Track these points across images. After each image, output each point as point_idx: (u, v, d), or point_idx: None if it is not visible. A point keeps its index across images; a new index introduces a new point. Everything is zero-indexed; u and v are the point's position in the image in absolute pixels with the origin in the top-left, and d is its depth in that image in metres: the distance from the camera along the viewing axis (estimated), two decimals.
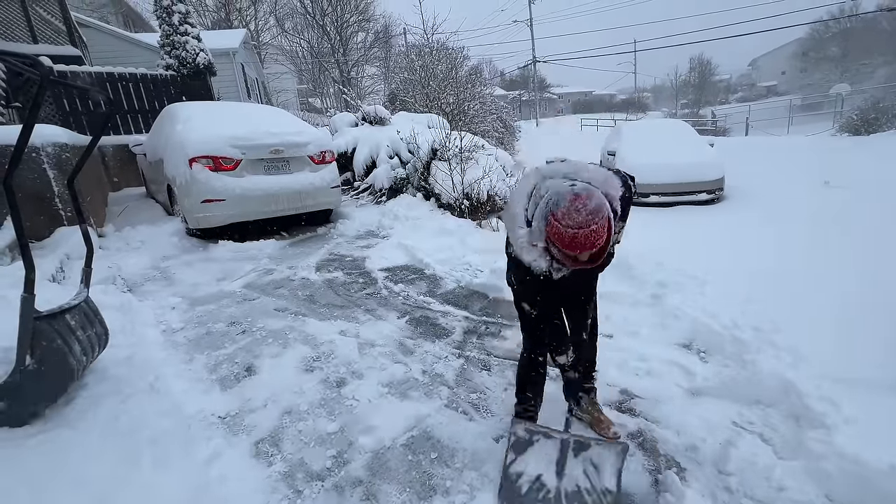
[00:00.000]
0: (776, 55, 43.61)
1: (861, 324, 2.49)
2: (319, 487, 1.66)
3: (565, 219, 1.24)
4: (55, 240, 3.80)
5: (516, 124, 13.47)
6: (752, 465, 1.68)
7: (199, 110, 5.08)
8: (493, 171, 5.50)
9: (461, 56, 10.29)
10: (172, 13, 8.32)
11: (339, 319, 3.03)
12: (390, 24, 26.11)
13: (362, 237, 5.09)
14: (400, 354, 2.59)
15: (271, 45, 24.46)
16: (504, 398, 2.19)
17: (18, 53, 6.09)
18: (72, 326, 1.96)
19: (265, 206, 4.73)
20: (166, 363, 2.44)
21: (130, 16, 19.97)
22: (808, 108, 24.43)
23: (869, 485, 1.49)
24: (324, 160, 5.23)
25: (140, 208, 5.94)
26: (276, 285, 3.66)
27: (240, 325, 2.92)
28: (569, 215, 1.23)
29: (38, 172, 3.82)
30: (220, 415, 2.04)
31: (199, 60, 8.53)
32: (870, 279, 3.03)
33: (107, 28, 12.79)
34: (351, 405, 2.12)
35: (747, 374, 2.18)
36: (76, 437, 1.76)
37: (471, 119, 9.05)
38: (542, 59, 30.64)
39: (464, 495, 1.63)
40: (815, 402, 1.86)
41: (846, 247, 3.80)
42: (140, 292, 3.50)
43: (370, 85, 23.34)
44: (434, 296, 3.44)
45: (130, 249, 4.50)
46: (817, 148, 10.34)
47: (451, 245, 4.40)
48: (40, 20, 8.13)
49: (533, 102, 34.09)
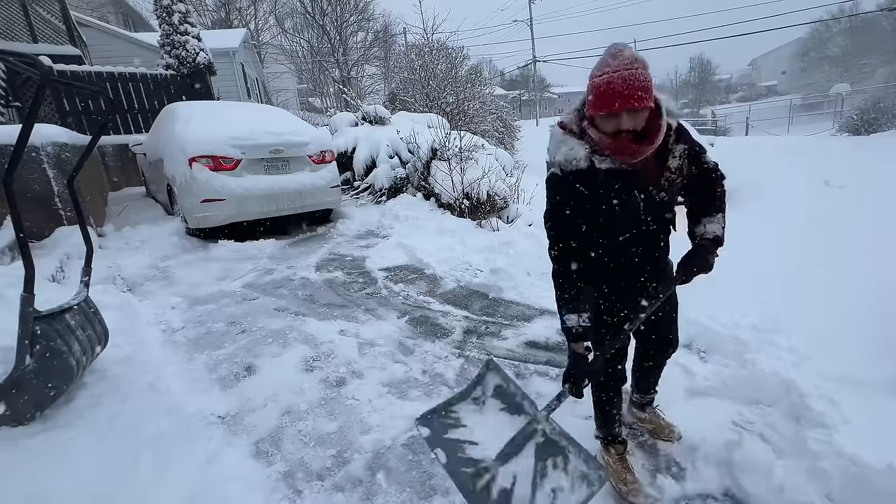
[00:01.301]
0: (776, 55, 43.62)
1: (862, 323, 2.48)
2: (319, 487, 1.66)
3: (598, 67, 1.14)
4: (55, 239, 3.80)
5: (516, 124, 13.45)
6: (752, 464, 1.68)
7: (198, 110, 5.08)
8: (492, 171, 5.50)
9: (461, 56, 10.28)
10: (172, 13, 8.32)
11: (339, 319, 3.03)
12: (390, 23, 26.12)
13: (362, 237, 5.09)
14: (400, 354, 2.59)
15: (271, 45, 24.47)
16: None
17: (18, 53, 6.09)
18: (71, 326, 1.96)
19: (265, 205, 4.73)
20: (166, 363, 2.44)
21: (130, 15, 19.98)
22: (808, 107, 24.45)
23: (869, 485, 1.49)
24: (324, 160, 5.23)
25: (140, 208, 5.94)
26: (276, 285, 3.66)
27: (240, 325, 2.92)
28: (603, 62, 1.14)
29: (38, 172, 3.82)
30: (220, 414, 2.04)
31: (199, 60, 8.53)
32: (870, 279, 3.03)
33: (107, 28, 12.80)
34: (351, 405, 2.12)
35: (747, 373, 2.17)
36: (76, 437, 1.76)
37: (471, 119, 9.05)
38: (542, 59, 30.63)
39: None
40: (815, 401, 1.86)
41: (846, 246, 3.80)
42: (140, 292, 3.50)
43: (370, 84, 23.35)
44: (434, 295, 3.44)
45: (130, 249, 4.50)
46: (817, 148, 10.33)
47: (451, 245, 4.40)
48: (40, 20, 8.13)
49: (533, 102, 34.08)
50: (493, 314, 3.12)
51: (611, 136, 1.19)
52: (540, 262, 3.84)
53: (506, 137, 11.37)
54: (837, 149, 9.52)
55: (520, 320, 3.01)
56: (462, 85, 9.06)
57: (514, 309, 3.19)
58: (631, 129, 1.16)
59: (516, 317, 3.06)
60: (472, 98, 9.20)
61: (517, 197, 5.62)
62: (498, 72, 35.09)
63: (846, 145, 10.03)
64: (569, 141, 1.27)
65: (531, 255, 3.95)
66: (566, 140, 1.27)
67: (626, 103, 1.10)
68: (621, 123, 1.14)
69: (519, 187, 5.70)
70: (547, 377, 2.35)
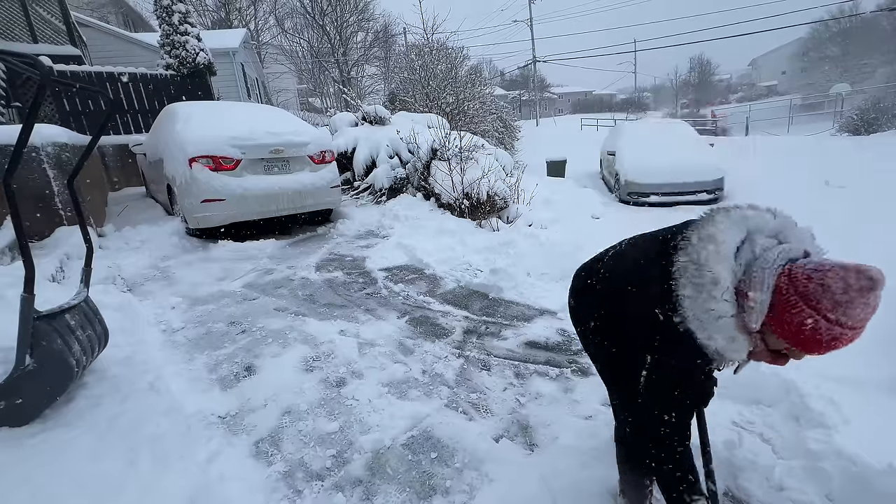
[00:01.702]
0: (776, 55, 43.64)
1: None
2: (319, 487, 1.66)
3: (837, 310, 0.79)
4: (55, 239, 3.80)
5: (516, 124, 13.46)
6: (753, 464, 1.68)
7: (199, 110, 5.08)
8: (492, 171, 5.51)
9: (461, 56, 10.29)
10: (172, 13, 8.31)
11: (339, 319, 3.03)
12: (390, 23, 26.13)
13: (362, 237, 5.09)
14: (400, 354, 2.59)
15: (271, 45, 24.47)
16: (504, 398, 2.19)
17: (18, 53, 6.09)
18: (71, 326, 1.96)
19: (265, 205, 4.72)
20: (166, 363, 2.44)
21: (130, 15, 19.98)
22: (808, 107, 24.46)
23: (868, 485, 1.49)
24: (324, 160, 5.23)
25: (140, 208, 5.94)
26: (276, 285, 3.66)
27: (240, 325, 2.92)
28: (849, 305, 0.78)
29: (38, 172, 3.82)
30: (220, 414, 2.04)
31: (199, 60, 8.53)
32: None
33: (107, 28, 12.80)
34: (351, 405, 2.12)
35: (747, 373, 2.17)
36: (76, 436, 1.75)
37: (471, 119, 9.06)
38: (542, 59, 30.65)
39: (464, 495, 1.63)
40: (815, 401, 1.86)
41: (846, 246, 3.80)
42: (140, 292, 3.50)
43: (370, 84, 23.37)
44: (434, 295, 3.44)
45: (130, 249, 4.50)
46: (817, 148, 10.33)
47: (451, 245, 4.40)
48: (40, 20, 8.14)
49: (533, 102, 34.09)
50: (493, 314, 3.12)
51: (773, 353, 0.95)
52: (540, 263, 3.84)
53: (506, 137, 11.39)
54: (837, 149, 9.52)
55: (520, 320, 3.01)
56: (462, 85, 9.08)
57: (514, 309, 3.19)
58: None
59: (516, 317, 3.07)
60: (472, 98, 9.21)
61: (517, 197, 5.62)
62: (498, 72, 35.14)
63: (846, 145, 10.03)
64: (739, 334, 0.93)
65: (531, 255, 3.96)
66: (736, 336, 0.93)
67: (834, 349, 0.84)
68: (798, 358, 0.93)
69: (519, 187, 5.70)
70: (547, 377, 2.35)
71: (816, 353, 0.84)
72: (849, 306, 0.78)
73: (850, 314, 0.78)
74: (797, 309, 0.82)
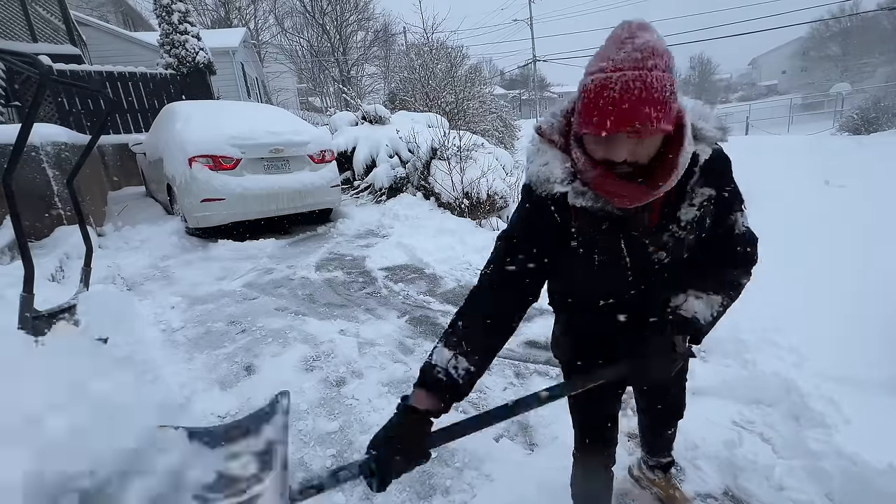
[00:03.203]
0: (776, 54, 43.63)
1: (861, 323, 2.48)
2: None
3: (597, 58, 0.75)
4: (55, 239, 3.80)
5: (516, 123, 13.46)
6: (752, 464, 1.68)
7: (198, 109, 5.08)
8: (492, 170, 5.51)
9: (461, 55, 10.28)
10: (172, 12, 8.31)
11: (339, 319, 3.03)
12: (390, 22, 26.09)
13: (362, 236, 5.08)
14: (400, 354, 2.59)
15: (271, 44, 24.44)
16: (504, 397, 2.19)
17: (18, 52, 6.08)
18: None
19: (265, 205, 4.72)
20: (166, 362, 2.44)
21: (130, 14, 19.96)
22: (808, 107, 24.47)
23: (868, 484, 1.49)
24: (324, 159, 5.23)
25: (140, 207, 5.94)
26: (276, 284, 3.65)
27: (239, 325, 2.92)
28: (605, 51, 0.74)
29: (38, 171, 3.82)
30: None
31: (199, 59, 8.53)
32: (870, 279, 3.03)
33: (106, 27, 12.79)
34: (351, 404, 2.12)
35: (747, 373, 2.17)
36: None
37: (470, 118, 9.04)
38: (542, 59, 30.61)
39: (464, 494, 1.62)
40: (815, 401, 1.86)
41: (846, 246, 3.80)
42: (140, 291, 3.49)
43: (370, 84, 23.33)
44: (434, 295, 3.44)
45: (130, 249, 4.50)
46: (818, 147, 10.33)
47: (451, 244, 4.40)
48: (40, 19, 8.12)
49: (533, 102, 34.07)
50: None
51: (598, 166, 0.81)
52: None
53: (505, 137, 11.36)
54: (837, 148, 9.51)
55: None
56: (462, 84, 9.06)
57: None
58: (630, 162, 0.77)
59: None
60: (472, 97, 9.19)
61: (517, 196, 5.62)
62: (498, 71, 35.11)
63: (846, 145, 10.03)
64: (546, 152, 0.89)
65: None
66: (543, 150, 0.90)
67: (624, 123, 0.71)
68: (615, 152, 0.76)
69: (519, 187, 5.70)
70: (547, 377, 2.35)
71: (595, 117, 0.73)
72: (603, 53, 0.75)
73: (605, 58, 0.74)
74: (578, 90, 0.79)
